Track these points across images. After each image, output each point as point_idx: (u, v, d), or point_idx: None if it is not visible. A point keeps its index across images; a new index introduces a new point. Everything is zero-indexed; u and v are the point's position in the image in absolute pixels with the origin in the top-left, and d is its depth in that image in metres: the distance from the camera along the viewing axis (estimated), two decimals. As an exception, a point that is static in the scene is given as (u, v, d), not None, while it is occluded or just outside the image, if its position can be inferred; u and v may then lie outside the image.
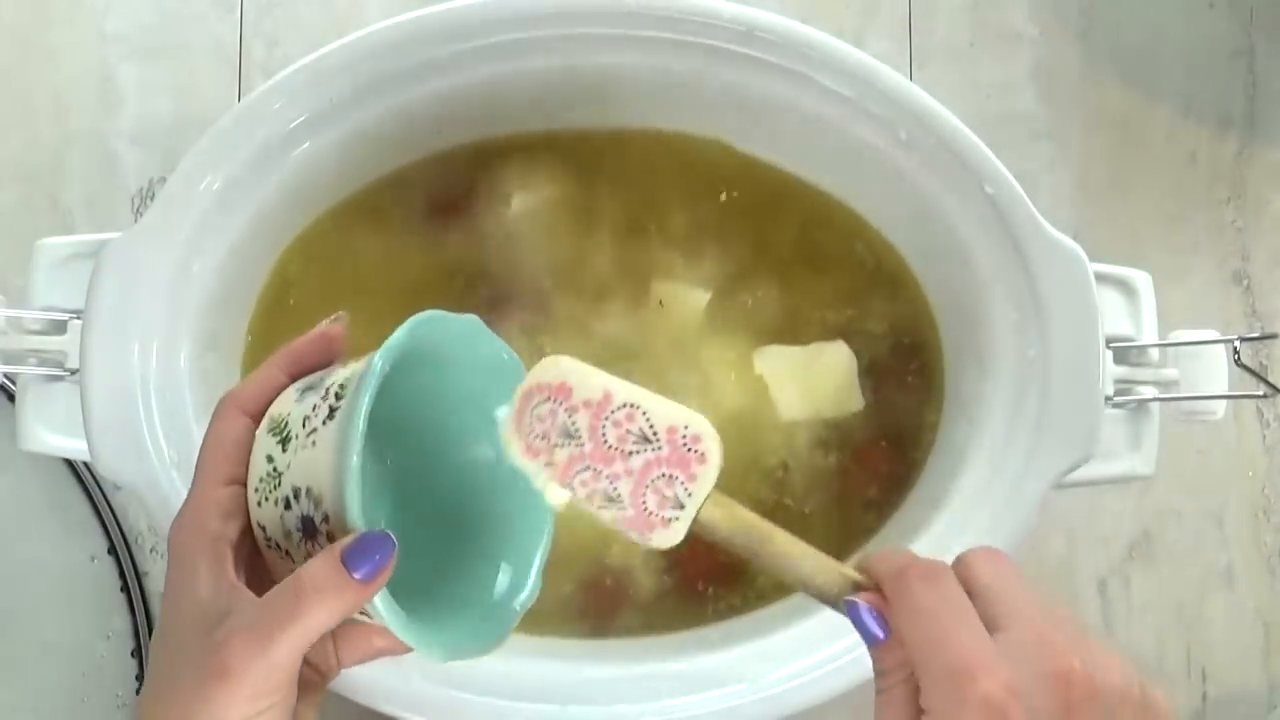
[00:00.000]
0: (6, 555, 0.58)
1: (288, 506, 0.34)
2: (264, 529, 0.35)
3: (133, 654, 0.57)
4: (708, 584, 0.52)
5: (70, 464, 0.58)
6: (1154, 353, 0.50)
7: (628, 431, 0.36)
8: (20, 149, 0.61)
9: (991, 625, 0.33)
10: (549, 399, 0.37)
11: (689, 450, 0.36)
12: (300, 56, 0.47)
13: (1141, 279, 0.50)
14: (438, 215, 0.53)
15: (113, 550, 0.58)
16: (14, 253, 0.53)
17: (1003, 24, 0.63)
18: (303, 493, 0.34)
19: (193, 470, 0.46)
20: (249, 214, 0.48)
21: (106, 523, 0.58)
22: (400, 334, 0.34)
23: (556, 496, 0.37)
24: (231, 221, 0.48)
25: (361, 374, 0.34)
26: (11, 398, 0.52)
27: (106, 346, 0.46)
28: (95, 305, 0.46)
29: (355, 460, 0.33)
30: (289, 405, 0.36)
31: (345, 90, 0.48)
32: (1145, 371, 0.49)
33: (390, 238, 0.53)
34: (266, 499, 0.35)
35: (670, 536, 0.36)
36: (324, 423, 0.34)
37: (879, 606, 0.34)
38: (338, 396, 0.34)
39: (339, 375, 0.35)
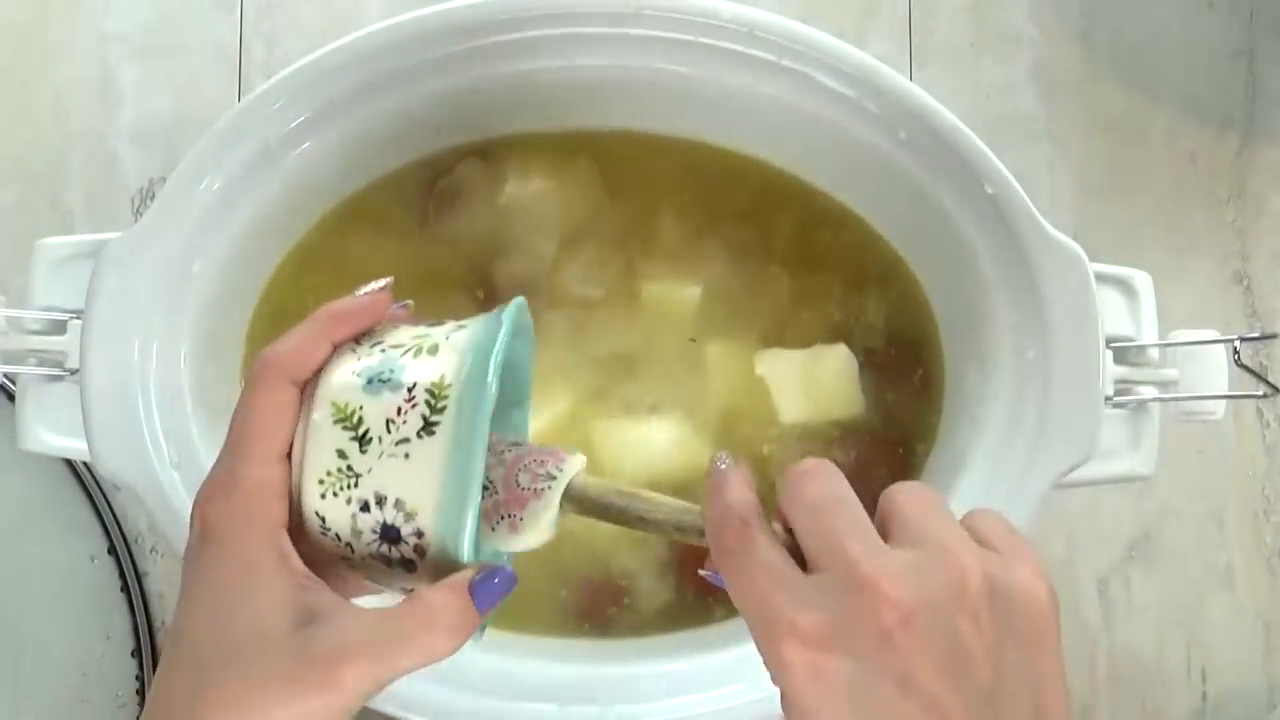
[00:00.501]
0: (6, 555, 0.58)
1: (364, 509, 0.34)
2: (323, 519, 0.34)
3: (133, 654, 0.57)
4: (708, 584, 0.52)
5: (70, 464, 0.58)
6: (1154, 353, 0.50)
7: (500, 441, 0.37)
8: (20, 149, 0.61)
9: (811, 567, 0.31)
10: None
11: (557, 450, 0.37)
12: (300, 56, 0.47)
13: (1141, 279, 0.50)
14: (438, 216, 0.53)
15: (113, 550, 0.58)
16: (14, 253, 0.53)
17: (1003, 24, 0.63)
18: (389, 502, 0.34)
19: (191, 469, 0.47)
20: (249, 214, 0.48)
21: (106, 523, 0.58)
22: (504, 340, 0.34)
23: None
24: (231, 221, 0.48)
25: (476, 399, 0.33)
26: (11, 398, 0.52)
27: (106, 346, 0.46)
28: (95, 305, 0.46)
29: (478, 501, 0.33)
30: (355, 394, 0.34)
31: (345, 90, 0.48)
32: (1145, 371, 0.49)
33: (390, 237, 0.53)
34: (335, 494, 0.34)
35: (543, 506, 0.36)
36: (419, 435, 0.33)
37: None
38: (430, 406, 0.33)
39: (421, 371, 0.34)
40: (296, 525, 0.35)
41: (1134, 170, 0.63)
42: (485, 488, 0.37)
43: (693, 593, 0.52)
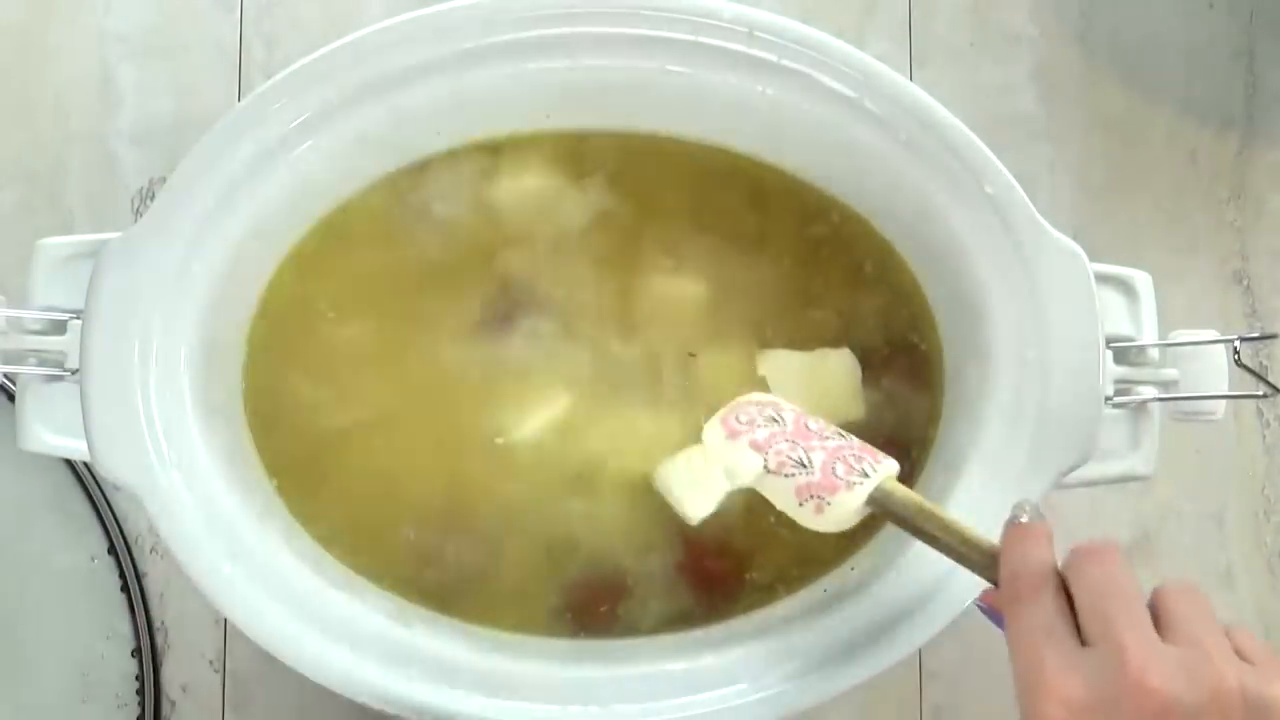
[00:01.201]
0: (6, 555, 0.58)
1: None
2: None
3: (133, 654, 0.57)
4: (708, 584, 0.52)
5: (70, 464, 0.58)
6: (1154, 353, 0.50)
7: (828, 427, 0.42)
8: (20, 149, 0.61)
9: (1085, 639, 0.34)
10: (758, 404, 0.43)
11: (875, 451, 0.41)
12: (300, 56, 0.47)
13: (1141, 279, 0.50)
14: (438, 216, 0.53)
15: (113, 550, 0.58)
16: (14, 253, 0.53)
17: (1003, 24, 0.63)
18: None
19: (191, 469, 0.47)
20: (249, 214, 0.48)
21: (106, 523, 0.58)
22: None
23: (750, 465, 0.42)
24: (231, 221, 0.48)
25: None
26: (11, 398, 0.52)
27: (106, 346, 0.46)
28: (95, 305, 0.46)
29: None
30: None
31: (345, 90, 0.48)
32: (1145, 371, 0.49)
33: (390, 238, 0.53)
34: None
35: (852, 499, 0.39)
36: None
37: (999, 606, 0.37)
38: None
39: None
40: None
41: (1134, 170, 0.63)
42: (802, 465, 0.40)
43: (692, 594, 0.52)
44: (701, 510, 0.48)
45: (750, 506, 0.52)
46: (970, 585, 0.45)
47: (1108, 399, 0.48)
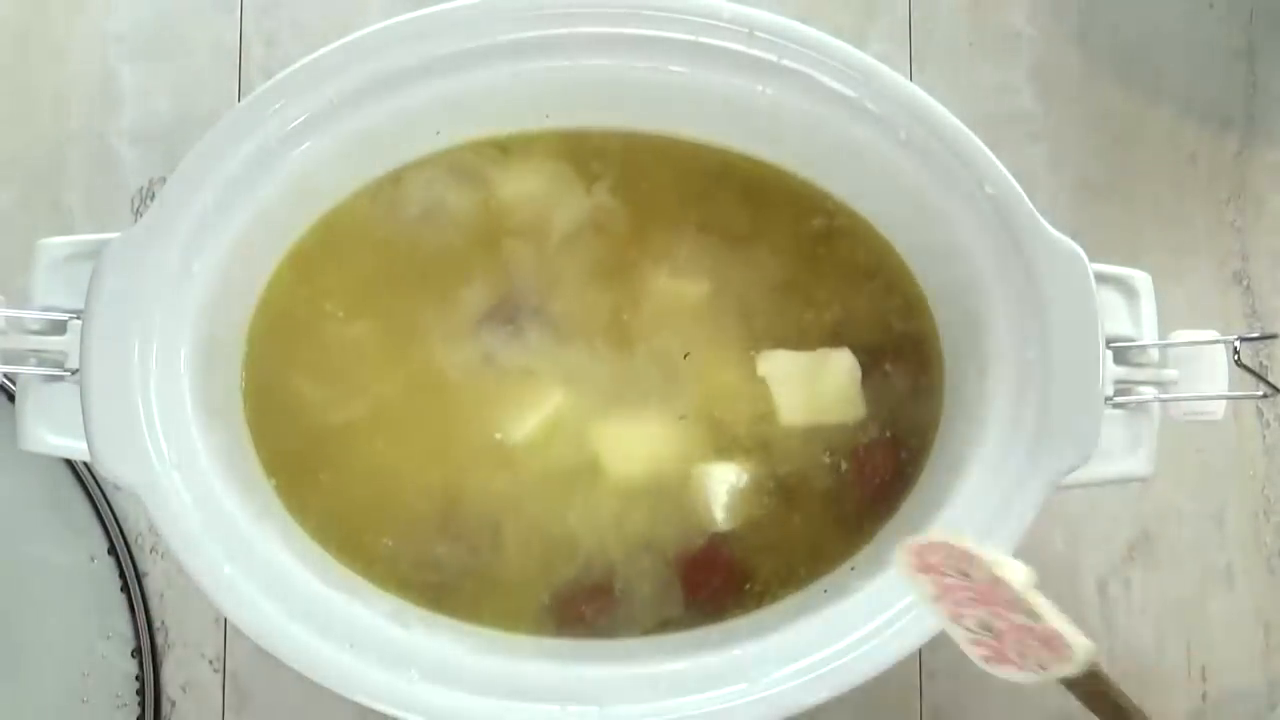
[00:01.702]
0: (6, 555, 0.58)
1: None
2: None
3: (133, 654, 0.57)
4: (707, 585, 0.52)
5: (70, 464, 0.58)
6: (1154, 353, 0.50)
7: (1019, 598, 0.39)
8: (20, 149, 0.61)
9: None
10: (953, 551, 0.41)
11: (1060, 648, 0.39)
12: (300, 56, 0.47)
13: (1141, 279, 0.50)
14: (436, 215, 0.53)
15: (113, 550, 0.58)
16: (14, 253, 0.53)
17: (1002, 24, 0.63)
18: None
19: (191, 469, 0.47)
20: (249, 214, 0.48)
21: (106, 523, 0.58)
22: None
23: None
24: (231, 221, 0.48)
25: None
26: (11, 398, 0.52)
27: (106, 346, 0.46)
28: (95, 305, 0.46)
29: None
30: None
31: (345, 90, 0.48)
32: (1145, 372, 0.49)
33: (389, 237, 0.53)
34: None
35: (1021, 678, 0.39)
36: None
37: None
38: None
39: None
40: None
41: (1134, 170, 0.63)
42: (985, 628, 0.40)
43: (691, 593, 0.52)
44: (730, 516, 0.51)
45: (750, 507, 0.52)
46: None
47: (1108, 399, 0.48)
